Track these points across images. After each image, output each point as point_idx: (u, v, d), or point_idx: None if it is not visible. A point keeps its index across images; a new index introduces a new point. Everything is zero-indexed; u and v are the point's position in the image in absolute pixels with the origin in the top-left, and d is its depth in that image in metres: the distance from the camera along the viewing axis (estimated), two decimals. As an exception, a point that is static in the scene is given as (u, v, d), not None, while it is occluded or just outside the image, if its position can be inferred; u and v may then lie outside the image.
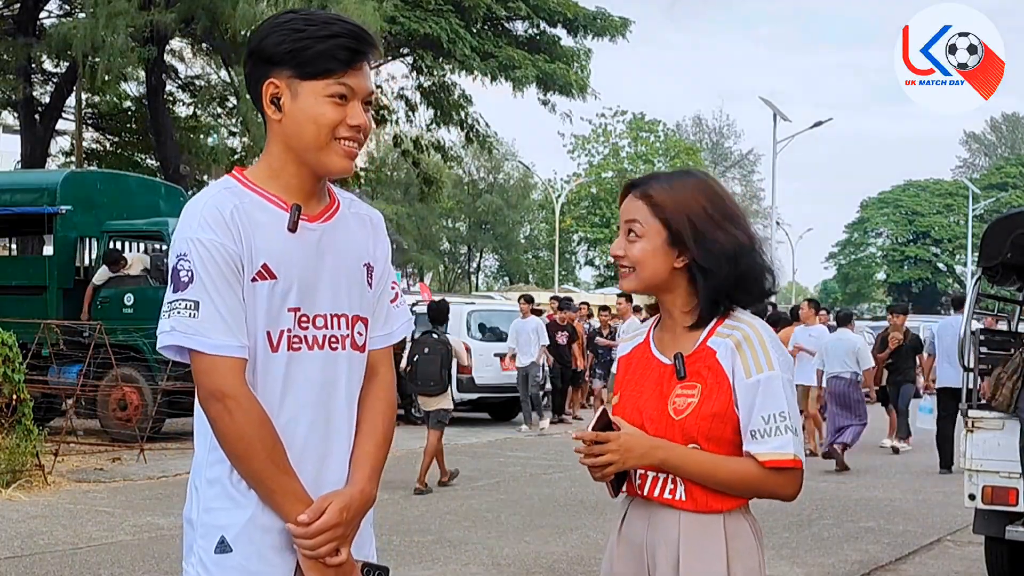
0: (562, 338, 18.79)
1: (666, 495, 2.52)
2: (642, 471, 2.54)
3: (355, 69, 2.33)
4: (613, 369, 14.76)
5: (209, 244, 2.26)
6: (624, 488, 2.61)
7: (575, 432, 2.56)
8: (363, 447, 2.42)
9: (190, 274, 2.26)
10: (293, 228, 2.34)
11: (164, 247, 14.63)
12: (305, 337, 2.35)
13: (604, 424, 2.53)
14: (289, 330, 2.33)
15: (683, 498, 2.50)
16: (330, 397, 2.39)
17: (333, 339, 2.39)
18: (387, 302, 2.53)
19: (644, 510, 2.57)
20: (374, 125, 2.47)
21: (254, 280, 2.30)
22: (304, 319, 2.35)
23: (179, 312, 2.26)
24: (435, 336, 11.34)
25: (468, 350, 14.85)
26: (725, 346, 2.49)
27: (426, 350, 11.15)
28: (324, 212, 2.42)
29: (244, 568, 2.31)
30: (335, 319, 2.39)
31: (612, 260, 2.66)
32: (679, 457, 2.48)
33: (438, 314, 11.68)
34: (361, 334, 2.44)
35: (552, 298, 23.43)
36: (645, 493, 2.55)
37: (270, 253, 2.31)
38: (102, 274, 14.55)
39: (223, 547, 2.31)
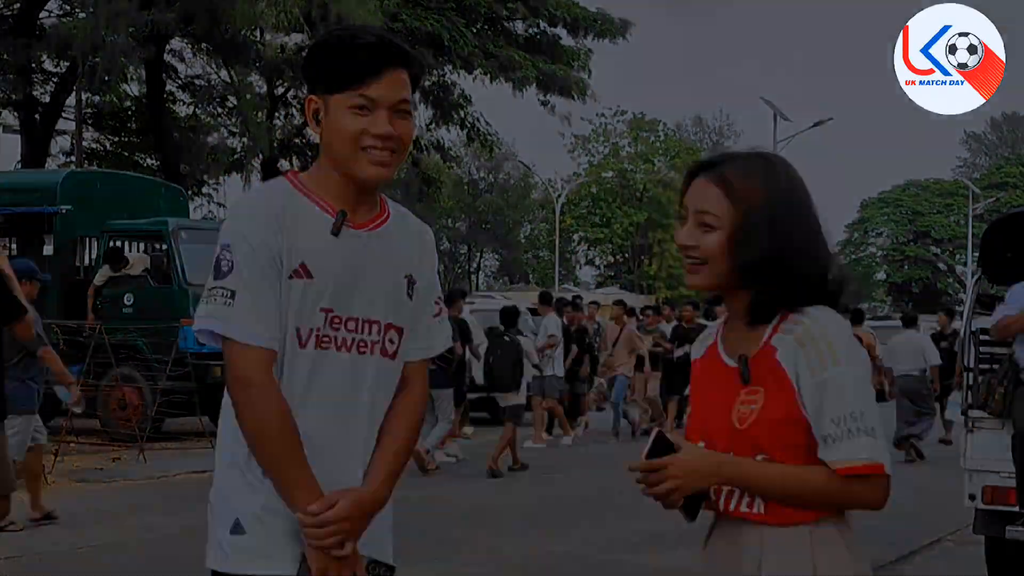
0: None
1: (743, 508, 2.26)
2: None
3: (377, 79, 2.37)
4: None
5: (252, 238, 2.36)
6: (704, 505, 2.35)
7: (627, 463, 2.30)
8: (383, 452, 2.49)
9: (231, 264, 2.35)
10: (336, 232, 2.41)
11: (164, 247, 14.64)
12: (335, 338, 2.42)
13: (664, 446, 2.25)
14: (319, 329, 2.40)
15: (762, 511, 2.24)
16: (352, 398, 2.45)
17: (362, 343, 2.45)
18: (429, 316, 2.59)
19: (728, 526, 2.32)
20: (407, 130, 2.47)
21: (291, 278, 2.37)
22: (336, 320, 2.42)
23: (216, 299, 2.36)
24: (507, 338, 12.76)
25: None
26: (786, 343, 2.21)
27: (499, 351, 12.66)
28: (371, 221, 2.49)
29: (255, 550, 2.39)
30: (367, 324, 2.45)
31: (678, 249, 2.35)
32: (748, 473, 2.22)
33: (509, 317, 13.14)
34: (393, 342, 2.50)
35: (558, 299, 23.20)
36: (722, 508, 2.30)
37: (310, 254, 2.38)
38: (103, 274, 14.54)
39: (238, 528, 2.40)
